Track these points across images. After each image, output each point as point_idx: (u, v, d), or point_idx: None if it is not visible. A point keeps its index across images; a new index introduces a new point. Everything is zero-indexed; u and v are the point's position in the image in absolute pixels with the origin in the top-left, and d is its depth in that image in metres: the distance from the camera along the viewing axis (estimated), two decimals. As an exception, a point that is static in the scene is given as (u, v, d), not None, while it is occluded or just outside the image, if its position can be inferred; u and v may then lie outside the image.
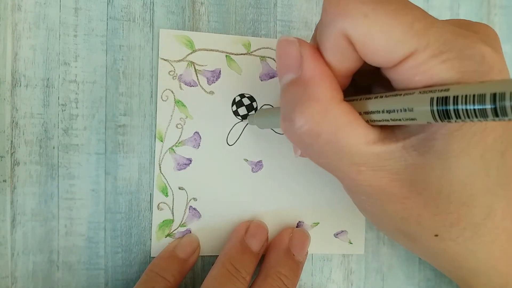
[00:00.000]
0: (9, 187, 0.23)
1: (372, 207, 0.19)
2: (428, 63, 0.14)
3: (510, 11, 0.30)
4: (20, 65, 0.23)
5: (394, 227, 0.20)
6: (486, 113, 0.12)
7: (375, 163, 0.16)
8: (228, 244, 0.24)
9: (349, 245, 0.27)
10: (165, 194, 0.25)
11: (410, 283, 0.28)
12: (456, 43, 0.14)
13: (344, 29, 0.15)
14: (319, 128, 0.16)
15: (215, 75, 0.25)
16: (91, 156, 0.24)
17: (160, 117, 0.25)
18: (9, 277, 0.23)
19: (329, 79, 0.16)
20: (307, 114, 0.16)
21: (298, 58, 0.16)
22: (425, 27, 0.14)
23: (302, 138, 0.16)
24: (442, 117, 0.13)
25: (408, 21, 0.14)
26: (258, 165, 0.26)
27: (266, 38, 0.26)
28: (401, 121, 0.15)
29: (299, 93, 0.16)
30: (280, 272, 0.23)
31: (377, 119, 0.16)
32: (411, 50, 0.14)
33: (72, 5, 0.24)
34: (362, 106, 0.16)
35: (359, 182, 0.17)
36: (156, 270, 0.23)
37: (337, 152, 0.16)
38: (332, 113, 0.15)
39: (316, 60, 0.16)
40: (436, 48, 0.14)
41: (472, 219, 0.17)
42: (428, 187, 0.17)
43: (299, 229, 0.26)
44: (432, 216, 0.18)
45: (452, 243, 0.19)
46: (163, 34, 0.25)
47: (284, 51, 0.17)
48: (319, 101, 0.15)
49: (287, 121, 0.17)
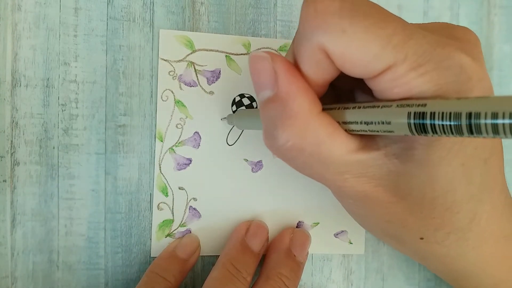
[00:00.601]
0: (9, 187, 0.23)
1: (359, 210, 0.20)
2: (406, 76, 0.14)
3: (510, 11, 0.30)
4: (20, 65, 0.23)
5: (381, 230, 0.20)
6: (462, 130, 0.12)
7: (358, 170, 0.17)
8: (228, 244, 0.24)
9: (349, 245, 0.27)
10: (165, 194, 0.25)
11: (410, 283, 0.28)
12: (434, 54, 0.14)
13: (322, 43, 0.15)
14: (302, 143, 0.16)
15: (215, 75, 0.25)
16: (91, 156, 0.24)
17: (160, 117, 0.25)
18: (9, 277, 0.23)
19: (306, 93, 0.16)
20: (289, 131, 0.16)
21: (272, 74, 0.16)
22: (403, 40, 0.14)
23: (286, 154, 0.17)
24: (419, 131, 0.13)
25: (386, 35, 0.14)
26: (258, 165, 0.26)
27: (266, 38, 0.26)
28: (379, 132, 0.15)
29: (278, 110, 0.16)
30: (281, 273, 0.23)
31: (356, 129, 0.16)
32: (389, 64, 0.14)
33: (72, 5, 0.24)
34: (340, 116, 0.16)
35: (345, 188, 0.18)
36: (156, 270, 0.23)
37: (321, 163, 0.16)
38: (312, 127, 0.16)
39: (290, 75, 0.16)
40: (414, 61, 0.14)
41: (456, 224, 0.18)
42: (412, 192, 0.17)
43: (299, 230, 0.26)
44: (416, 221, 0.18)
45: (438, 246, 0.19)
46: (163, 35, 0.25)
47: (258, 68, 0.16)
48: (298, 117, 0.15)
49: (270, 138, 0.17)
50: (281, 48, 0.26)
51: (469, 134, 0.12)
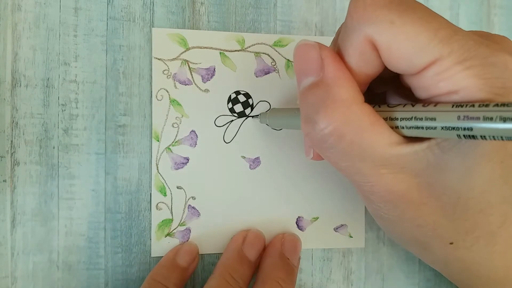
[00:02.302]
0: (9, 187, 0.23)
1: (388, 214, 0.19)
2: (452, 70, 0.14)
3: (510, 11, 0.30)
4: (20, 65, 0.23)
5: (409, 236, 0.20)
6: None
7: (397, 164, 0.16)
8: (225, 253, 0.24)
9: (349, 239, 0.27)
10: (164, 194, 0.25)
11: (410, 283, 0.28)
12: (479, 51, 0.14)
13: (370, 35, 0.15)
14: (343, 128, 0.16)
15: (210, 73, 0.25)
16: (91, 156, 0.24)
17: (156, 116, 0.25)
18: (9, 277, 0.23)
19: (351, 81, 0.16)
20: (331, 115, 0.16)
21: (319, 61, 0.16)
22: (449, 34, 0.14)
23: (325, 140, 0.16)
24: (467, 137, 0.14)
25: (432, 29, 0.14)
26: (256, 162, 0.26)
27: (260, 33, 0.26)
28: (423, 132, 0.15)
29: (321, 95, 0.16)
30: (277, 276, 0.23)
31: (402, 126, 0.16)
32: (435, 57, 0.14)
33: (72, 5, 0.24)
34: (385, 114, 0.16)
35: (379, 187, 0.17)
36: (158, 278, 0.23)
37: (360, 153, 0.16)
38: (355, 114, 0.16)
39: (337, 63, 0.16)
40: (460, 55, 0.14)
41: (487, 227, 0.18)
42: (447, 191, 0.17)
43: (289, 234, 0.26)
44: (448, 223, 0.18)
45: (466, 251, 0.19)
46: (156, 33, 0.25)
47: (304, 54, 0.17)
48: (342, 102, 0.16)
49: (309, 123, 0.17)
50: (276, 43, 0.26)
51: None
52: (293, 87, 0.26)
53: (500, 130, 0.12)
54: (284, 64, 0.26)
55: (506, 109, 0.12)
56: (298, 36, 0.27)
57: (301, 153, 0.26)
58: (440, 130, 0.14)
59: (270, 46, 0.26)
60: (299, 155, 0.26)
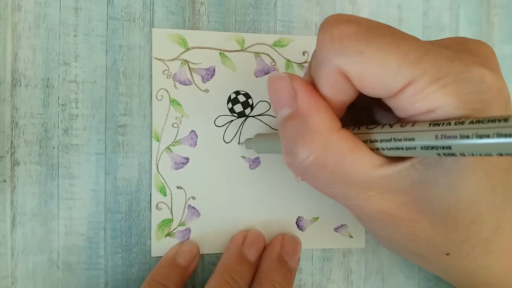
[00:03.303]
0: (9, 187, 0.23)
1: (382, 232, 0.19)
2: (426, 90, 0.14)
3: (510, 11, 0.30)
4: (20, 65, 0.23)
5: (404, 249, 0.20)
6: (491, 155, 0.12)
7: (382, 185, 0.16)
8: (225, 254, 0.24)
9: (350, 239, 0.27)
10: (164, 194, 0.25)
11: (410, 283, 0.28)
12: (452, 67, 0.14)
13: (340, 66, 0.15)
14: (323, 158, 0.16)
15: (210, 73, 0.25)
16: (91, 156, 0.24)
17: (156, 116, 0.25)
18: (9, 277, 0.23)
19: (326, 109, 0.16)
20: (310, 146, 0.16)
21: (291, 92, 0.16)
22: (419, 56, 0.14)
23: (307, 170, 0.17)
24: (446, 155, 0.14)
25: (402, 52, 0.14)
26: (256, 162, 0.26)
27: (260, 33, 0.26)
28: (403, 151, 0.15)
29: (298, 127, 0.16)
30: (274, 279, 0.23)
31: (380, 148, 0.16)
32: (408, 80, 0.14)
33: (72, 5, 0.24)
34: (363, 136, 0.16)
35: (368, 209, 0.18)
36: (158, 279, 0.23)
37: (344, 179, 0.16)
38: (334, 142, 0.16)
39: (309, 93, 0.16)
40: (433, 74, 0.14)
41: (481, 235, 0.18)
42: (435, 206, 0.17)
43: (290, 236, 0.26)
44: (441, 236, 0.18)
45: (464, 260, 0.19)
46: (156, 33, 0.25)
47: (276, 87, 0.17)
48: (319, 132, 0.16)
49: (290, 155, 0.17)
50: (275, 43, 0.26)
51: (498, 155, 0.12)
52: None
53: (477, 147, 0.12)
54: (284, 64, 0.26)
55: (481, 126, 0.12)
56: (298, 36, 0.27)
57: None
58: (419, 150, 0.14)
59: (270, 46, 0.26)
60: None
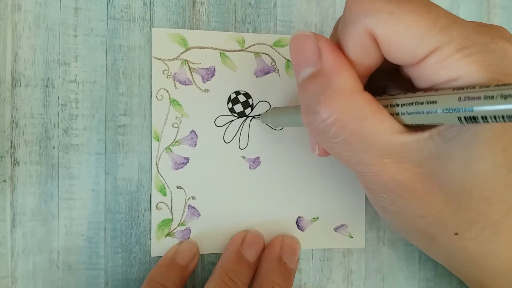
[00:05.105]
0: (9, 187, 0.23)
1: (391, 205, 0.19)
2: (452, 58, 0.14)
3: (510, 11, 0.30)
4: (20, 65, 0.23)
5: (413, 226, 0.20)
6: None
7: (400, 153, 0.16)
8: (224, 255, 0.24)
9: (350, 239, 0.27)
10: (164, 194, 0.25)
11: (410, 283, 0.28)
12: (478, 38, 0.14)
13: (369, 27, 0.15)
14: (345, 118, 0.16)
15: (210, 73, 0.25)
16: (91, 156, 0.24)
17: (156, 116, 0.25)
18: (9, 277, 0.23)
19: (350, 70, 0.16)
20: (332, 105, 0.16)
21: (316, 51, 0.16)
22: (448, 23, 0.14)
23: (327, 130, 0.16)
24: (469, 121, 0.14)
25: (431, 18, 0.14)
26: (256, 162, 0.26)
27: (260, 33, 0.26)
28: (425, 122, 0.15)
29: (321, 85, 0.16)
30: (273, 281, 0.23)
31: (402, 112, 0.16)
32: (435, 46, 0.14)
33: (72, 5, 0.24)
34: (386, 102, 0.16)
35: (382, 177, 0.17)
36: (157, 279, 0.23)
37: (362, 143, 0.16)
38: (357, 103, 0.15)
39: (335, 52, 0.16)
40: (460, 42, 0.14)
41: (492, 217, 0.17)
42: (450, 181, 0.16)
43: (289, 237, 0.26)
44: (452, 213, 0.18)
45: (472, 242, 0.18)
46: (156, 33, 0.25)
47: (301, 45, 0.17)
48: (343, 92, 0.15)
49: (310, 115, 0.16)
50: (276, 43, 0.26)
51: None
52: (293, 87, 0.26)
53: (501, 110, 0.12)
54: (284, 64, 0.26)
55: (507, 87, 0.12)
56: (298, 36, 0.27)
57: (301, 153, 0.26)
58: (441, 114, 0.14)
59: (270, 46, 0.26)
60: (299, 155, 0.26)
